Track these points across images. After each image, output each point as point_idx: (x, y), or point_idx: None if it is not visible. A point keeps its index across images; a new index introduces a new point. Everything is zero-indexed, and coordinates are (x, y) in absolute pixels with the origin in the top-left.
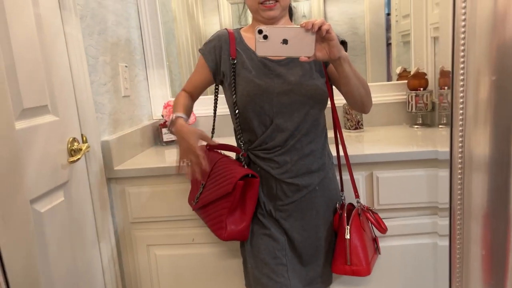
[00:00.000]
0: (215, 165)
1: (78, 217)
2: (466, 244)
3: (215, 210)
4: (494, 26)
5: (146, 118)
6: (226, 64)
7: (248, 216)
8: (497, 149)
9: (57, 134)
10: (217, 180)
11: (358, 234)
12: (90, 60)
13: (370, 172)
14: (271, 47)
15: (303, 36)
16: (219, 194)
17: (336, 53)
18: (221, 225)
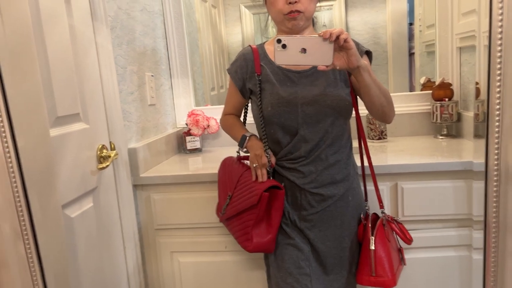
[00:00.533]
0: (241, 177)
1: (106, 222)
2: (501, 258)
3: (241, 222)
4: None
5: (170, 126)
6: (252, 81)
7: (274, 228)
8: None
9: (87, 141)
10: (243, 192)
11: (383, 244)
12: (119, 70)
13: (395, 182)
14: (289, 56)
15: (322, 45)
16: (245, 205)
17: (354, 62)
18: (247, 236)
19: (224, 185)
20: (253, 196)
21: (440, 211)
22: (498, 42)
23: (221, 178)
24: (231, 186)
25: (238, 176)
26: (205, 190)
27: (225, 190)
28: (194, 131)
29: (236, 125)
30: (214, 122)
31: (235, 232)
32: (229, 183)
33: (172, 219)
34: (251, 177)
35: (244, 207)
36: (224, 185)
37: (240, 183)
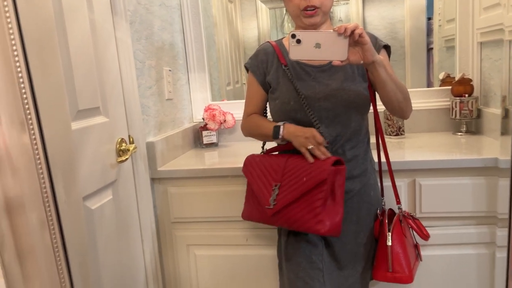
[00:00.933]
0: (287, 163)
1: (124, 215)
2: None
3: (305, 205)
4: None
5: (187, 121)
6: (272, 75)
7: (341, 206)
8: None
9: (107, 134)
10: (298, 176)
11: (399, 240)
12: (138, 64)
13: (413, 179)
14: (304, 51)
15: (336, 40)
16: (309, 186)
17: (369, 57)
18: (319, 218)
19: (260, 181)
20: (320, 172)
21: (459, 208)
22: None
23: (252, 176)
24: (275, 176)
25: (282, 165)
26: (221, 184)
27: (264, 184)
28: (211, 125)
29: (263, 120)
30: (230, 117)
31: (299, 218)
32: (269, 175)
33: (188, 213)
34: (300, 161)
35: (307, 188)
36: (261, 180)
37: (288, 170)
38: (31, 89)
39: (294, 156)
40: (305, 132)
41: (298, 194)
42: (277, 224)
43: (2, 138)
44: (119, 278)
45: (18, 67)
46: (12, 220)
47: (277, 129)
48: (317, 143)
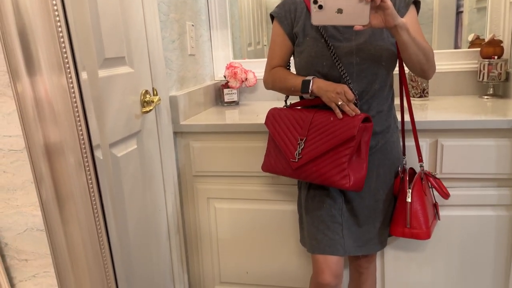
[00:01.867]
0: (314, 118)
1: (148, 165)
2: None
3: (332, 160)
4: None
5: (208, 78)
6: (300, 26)
7: (366, 162)
8: None
9: (132, 85)
10: (326, 130)
11: (419, 198)
12: (162, 17)
13: (435, 139)
14: (326, 16)
15: (358, 5)
16: (336, 142)
17: (391, 21)
18: (344, 173)
19: (284, 134)
20: (350, 129)
21: (481, 170)
22: None
23: (276, 129)
24: (300, 131)
25: (309, 119)
26: (241, 140)
27: (289, 137)
28: (232, 83)
29: (290, 74)
30: (252, 75)
31: (324, 173)
32: (294, 129)
33: (209, 167)
34: (327, 117)
35: (334, 144)
36: (285, 133)
37: (314, 124)
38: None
39: (321, 111)
40: (336, 88)
41: (325, 149)
42: (300, 178)
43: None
44: (143, 226)
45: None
46: (51, 164)
47: (306, 83)
48: (347, 100)
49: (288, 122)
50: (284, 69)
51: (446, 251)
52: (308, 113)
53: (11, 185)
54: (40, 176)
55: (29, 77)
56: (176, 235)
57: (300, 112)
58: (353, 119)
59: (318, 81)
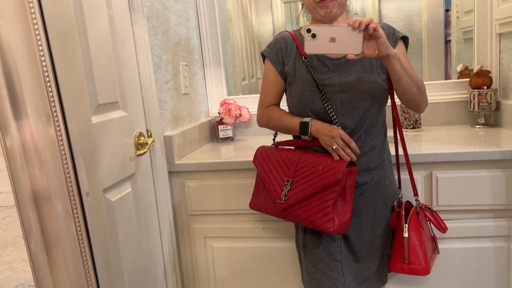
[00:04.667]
0: (300, 160)
1: (143, 207)
2: None
3: (317, 204)
4: None
5: (203, 115)
6: (290, 65)
7: (350, 206)
8: None
9: (126, 128)
10: (312, 173)
11: (416, 232)
12: (155, 59)
13: (429, 172)
14: (319, 45)
15: (351, 34)
16: (322, 185)
17: (384, 50)
18: (329, 217)
19: (271, 174)
20: (334, 173)
21: (477, 201)
22: None
23: (263, 168)
24: (287, 172)
25: (296, 160)
26: (237, 178)
27: (276, 178)
28: (227, 120)
29: (286, 114)
30: (246, 111)
31: (309, 216)
32: (280, 169)
33: (205, 205)
34: (315, 158)
35: (319, 188)
36: (272, 173)
37: (301, 166)
38: (55, 84)
39: (308, 153)
40: (331, 131)
41: (311, 192)
42: (286, 219)
43: (30, 132)
44: (139, 268)
45: (44, 62)
46: (39, 211)
47: (305, 126)
48: (343, 143)
49: (276, 162)
50: (279, 109)
51: (447, 284)
52: (295, 153)
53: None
54: (29, 224)
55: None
56: (173, 276)
57: (287, 152)
58: (338, 164)
59: (316, 123)
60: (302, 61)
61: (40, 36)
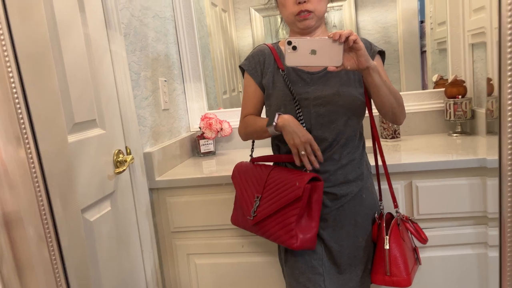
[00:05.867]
0: (269, 176)
1: (123, 226)
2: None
3: (281, 220)
4: None
5: (184, 130)
6: (268, 78)
7: (316, 222)
8: None
9: (104, 146)
10: (278, 189)
11: (397, 244)
12: (133, 76)
13: (409, 181)
14: (300, 57)
15: (331, 46)
16: (285, 202)
17: (364, 62)
18: (292, 234)
19: (245, 190)
20: (295, 190)
21: (456, 209)
22: (508, 38)
23: (239, 184)
24: (257, 188)
25: (265, 177)
26: (219, 193)
27: (248, 194)
28: (208, 134)
29: (260, 118)
30: (227, 125)
31: (274, 232)
32: (252, 185)
33: (187, 222)
34: (282, 174)
35: (283, 204)
36: (245, 189)
37: (269, 182)
38: (25, 105)
39: (277, 169)
40: (305, 135)
41: (275, 209)
42: (258, 234)
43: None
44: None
45: (13, 83)
46: (10, 235)
47: (272, 116)
48: (310, 150)
49: (249, 178)
50: (255, 115)
51: None
52: (266, 170)
53: None
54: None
55: None
56: None
57: (259, 168)
58: (301, 180)
59: (289, 117)
60: (280, 74)
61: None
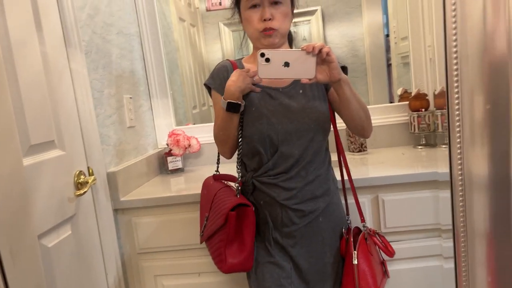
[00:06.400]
0: (215, 196)
1: (86, 250)
2: (471, 268)
3: (215, 243)
4: (484, 46)
5: (151, 147)
6: None
7: (248, 246)
8: (496, 171)
9: (63, 168)
10: (215, 212)
11: (365, 258)
12: (95, 94)
13: (376, 195)
14: (273, 69)
15: (304, 58)
16: (216, 226)
17: (336, 75)
18: (221, 258)
19: (203, 206)
20: (221, 216)
21: (422, 221)
22: (454, 56)
23: (201, 200)
24: (207, 207)
25: (212, 196)
26: (187, 211)
27: (203, 211)
28: (175, 151)
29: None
30: (195, 142)
31: (211, 254)
32: (206, 203)
33: (154, 242)
34: (223, 196)
35: (215, 228)
36: (203, 206)
37: (214, 203)
38: None
39: (222, 190)
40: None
41: (211, 232)
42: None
43: None
44: None
45: None
46: None
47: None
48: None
49: (207, 195)
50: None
51: None
52: (216, 188)
53: None
54: None
55: None
56: None
57: (215, 185)
58: (227, 205)
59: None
60: None
61: None
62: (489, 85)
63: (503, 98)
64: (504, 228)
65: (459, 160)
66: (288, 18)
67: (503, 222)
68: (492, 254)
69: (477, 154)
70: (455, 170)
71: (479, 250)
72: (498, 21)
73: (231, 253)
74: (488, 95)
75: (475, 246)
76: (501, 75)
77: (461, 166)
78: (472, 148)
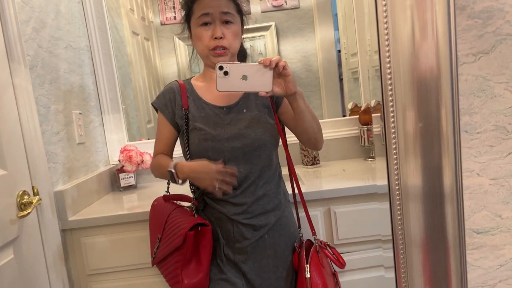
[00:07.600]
0: (169, 217)
1: (30, 274)
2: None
3: (170, 265)
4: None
5: (102, 164)
6: (180, 115)
7: (205, 266)
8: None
9: (5, 188)
10: (170, 233)
11: (318, 272)
12: (41, 110)
13: (328, 207)
14: (231, 82)
15: (262, 72)
16: (172, 247)
17: (292, 88)
18: (177, 279)
19: (153, 228)
20: (178, 237)
21: (372, 232)
22: (388, 77)
23: (151, 221)
24: (159, 228)
25: (165, 217)
26: (140, 229)
27: (155, 233)
28: (128, 167)
29: (165, 160)
30: (148, 157)
31: (166, 276)
32: (158, 225)
33: (105, 263)
34: (178, 217)
35: (171, 249)
36: (154, 228)
37: (167, 224)
38: None
39: (177, 210)
40: (208, 171)
41: (166, 253)
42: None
43: None
44: None
45: None
46: None
47: (171, 175)
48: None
49: (158, 216)
50: (163, 156)
51: None
52: (169, 209)
53: None
54: None
55: None
56: None
57: (167, 206)
58: (185, 226)
59: (182, 166)
60: (192, 109)
61: None
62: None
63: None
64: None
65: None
66: (238, 37)
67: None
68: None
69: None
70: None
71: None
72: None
73: (188, 274)
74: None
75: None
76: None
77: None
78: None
